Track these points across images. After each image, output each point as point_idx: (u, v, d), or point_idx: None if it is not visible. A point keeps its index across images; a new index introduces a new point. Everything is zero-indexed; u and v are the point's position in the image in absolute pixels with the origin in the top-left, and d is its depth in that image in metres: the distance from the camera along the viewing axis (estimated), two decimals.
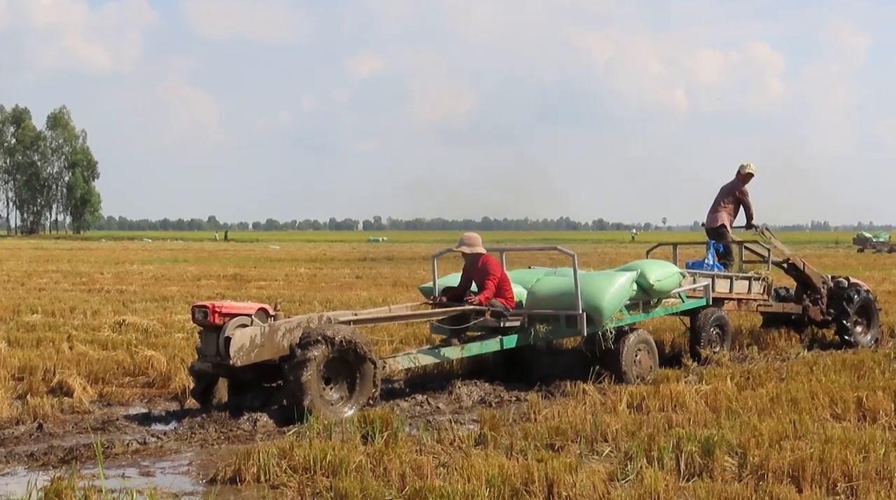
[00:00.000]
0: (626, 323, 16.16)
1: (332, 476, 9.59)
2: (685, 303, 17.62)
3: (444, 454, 10.57)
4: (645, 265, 16.59)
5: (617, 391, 14.31)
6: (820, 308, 20.72)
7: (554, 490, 8.88)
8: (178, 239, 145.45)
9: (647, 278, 16.17)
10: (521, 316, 15.63)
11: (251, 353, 12.86)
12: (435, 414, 13.42)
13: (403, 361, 14.43)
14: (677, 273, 16.89)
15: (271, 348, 13.06)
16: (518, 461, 9.62)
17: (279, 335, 13.11)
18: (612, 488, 9.05)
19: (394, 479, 9.41)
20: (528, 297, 16.13)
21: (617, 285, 15.73)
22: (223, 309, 13.17)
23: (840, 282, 21.10)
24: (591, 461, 10.19)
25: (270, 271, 46.04)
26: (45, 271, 45.92)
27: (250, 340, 12.86)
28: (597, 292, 15.47)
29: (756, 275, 19.67)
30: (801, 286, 21.21)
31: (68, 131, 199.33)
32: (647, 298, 16.63)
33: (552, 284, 16.16)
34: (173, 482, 10.05)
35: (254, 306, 13.57)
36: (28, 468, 10.57)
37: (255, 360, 12.92)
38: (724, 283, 18.82)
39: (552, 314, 15.61)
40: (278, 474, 9.82)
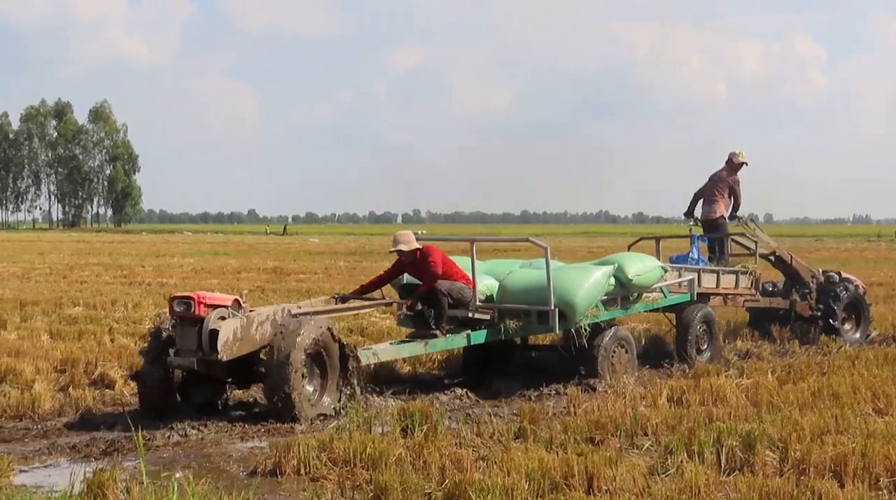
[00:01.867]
0: (601, 320, 15.42)
1: (372, 469, 9.59)
2: (667, 299, 17.02)
3: (483, 447, 10.57)
4: (623, 259, 15.97)
5: (657, 385, 14.29)
6: (808, 303, 20.25)
7: (594, 484, 8.85)
8: (217, 232, 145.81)
9: (625, 273, 15.50)
10: (490, 310, 15.02)
11: (234, 347, 12.25)
12: (474, 407, 13.41)
13: (364, 356, 13.57)
14: (658, 267, 16.24)
15: (249, 342, 12.48)
16: (558, 455, 9.60)
17: (254, 328, 12.56)
18: (653, 482, 9.01)
19: (433, 472, 9.40)
20: (499, 290, 15.39)
21: (592, 279, 15.03)
22: (208, 300, 12.55)
23: (830, 277, 20.66)
24: (632, 454, 10.17)
25: (310, 264, 46.12)
26: (86, 264, 46.14)
27: (233, 333, 12.26)
28: (570, 287, 14.76)
29: (743, 269, 19.15)
30: (790, 280, 20.76)
31: (110, 125, 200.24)
32: (626, 293, 15.87)
33: (524, 277, 15.48)
34: (214, 474, 10.07)
35: (230, 298, 12.97)
36: (70, 459, 10.64)
37: (236, 354, 12.30)
38: (710, 277, 18.33)
39: (523, 309, 14.93)
40: (318, 466, 9.83)
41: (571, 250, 18.92)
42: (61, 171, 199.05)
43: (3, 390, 13.64)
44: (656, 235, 20.83)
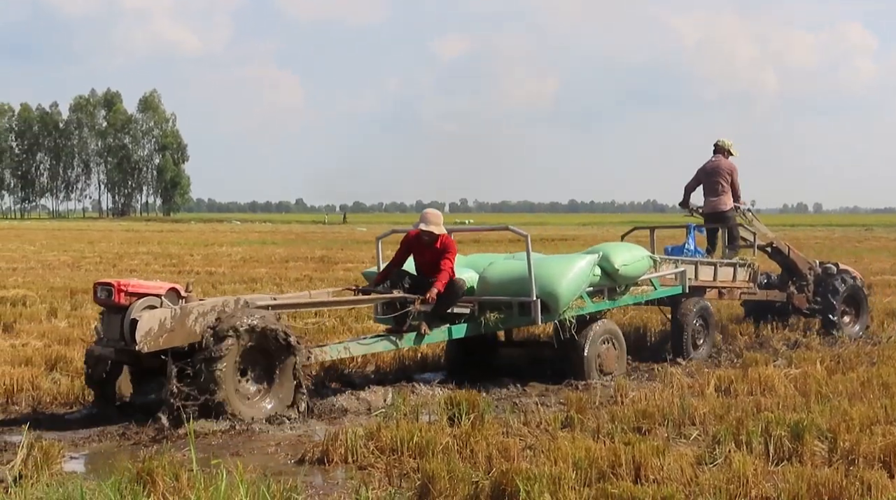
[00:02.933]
0: (587, 312, 14.81)
1: (419, 458, 9.60)
2: (658, 291, 16.30)
3: (530, 436, 10.57)
4: (610, 248, 15.32)
5: (705, 375, 14.24)
6: (806, 296, 19.69)
7: (641, 474, 8.84)
8: (266, 221, 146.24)
9: (611, 263, 14.89)
10: (470, 304, 14.43)
11: (160, 338, 11.45)
12: (521, 396, 13.41)
13: (333, 350, 13.18)
14: (647, 258, 15.59)
15: (182, 334, 11.66)
16: (605, 444, 9.58)
17: (191, 319, 11.73)
18: (700, 471, 8.98)
19: (480, 461, 9.41)
20: (480, 282, 14.79)
21: (575, 269, 14.42)
22: (129, 288, 11.86)
23: (828, 268, 20.03)
24: (679, 444, 10.15)
25: (357, 254, 46.15)
26: (136, 253, 46.41)
27: (159, 323, 11.47)
28: (552, 278, 14.16)
29: (741, 261, 18.50)
30: (786, 272, 20.16)
31: (159, 114, 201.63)
32: (613, 284, 15.23)
33: (505, 268, 14.85)
34: (262, 462, 10.11)
35: (164, 286, 12.24)
36: (120, 446, 10.71)
37: (163, 346, 11.51)
38: (707, 270, 17.67)
39: (504, 301, 14.36)
40: (366, 455, 9.85)
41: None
42: (111, 160, 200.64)
43: (54, 377, 13.76)
44: (651, 225, 20.29)
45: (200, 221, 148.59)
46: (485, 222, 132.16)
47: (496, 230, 21.15)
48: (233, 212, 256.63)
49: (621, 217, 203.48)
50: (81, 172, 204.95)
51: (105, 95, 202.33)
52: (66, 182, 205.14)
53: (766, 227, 20.39)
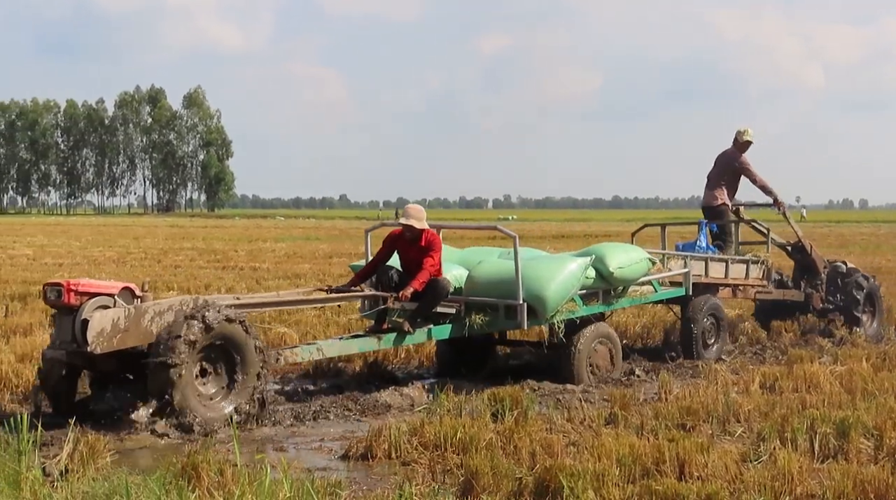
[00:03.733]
0: (579, 315, 14.24)
1: (463, 454, 9.59)
2: (658, 292, 15.87)
3: (574, 432, 10.55)
4: (606, 250, 14.73)
5: (749, 372, 14.19)
6: (820, 295, 19.02)
7: (685, 470, 8.80)
8: (309, 217, 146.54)
9: (606, 265, 14.33)
10: (456, 303, 13.80)
11: (113, 339, 10.99)
12: (564, 393, 13.39)
13: (304, 352, 12.67)
14: (646, 259, 14.91)
15: (137, 334, 11.21)
16: (649, 441, 9.56)
17: (147, 319, 11.27)
18: (745, 469, 8.94)
19: (524, 457, 9.41)
20: (467, 282, 14.19)
21: (566, 272, 13.83)
22: (80, 287, 11.31)
23: (838, 266, 19.45)
24: (723, 441, 10.10)
25: None
26: (180, 249, 46.61)
27: (112, 323, 11.01)
28: (541, 280, 13.59)
29: (755, 258, 17.91)
30: (800, 271, 19.45)
31: (203, 111, 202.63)
32: (608, 287, 14.67)
33: (494, 268, 14.27)
34: (306, 457, 10.16)
35: (117, 285, 11.71)
36: (165, 440, 10.75)
37: (117, 347, 11.07)
38: (718, 267, 17.10)
39: (491, 303, 13.76)
40: (409, 450, 9.86)
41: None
42: (156, 156, 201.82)
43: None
44: (662, 222, 19.85)
45: (244, 217, 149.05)
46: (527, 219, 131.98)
47: (484, 229, 20.92)
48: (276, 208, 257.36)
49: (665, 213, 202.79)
50: (126, 168, 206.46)
51: (149, 92, 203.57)
52: (111, 178, 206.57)
53: (798, 224, 19.83)
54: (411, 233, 13.37)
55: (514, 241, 13.45)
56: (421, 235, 13.33)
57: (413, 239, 13.39)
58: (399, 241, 13.56)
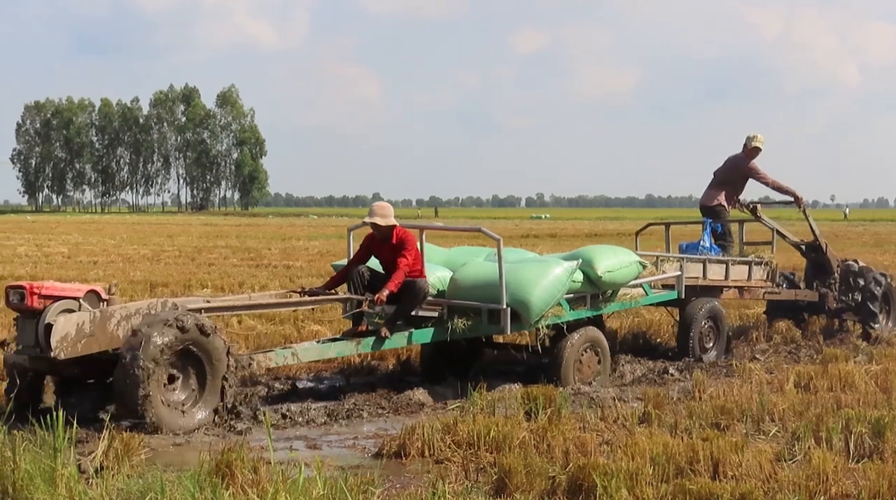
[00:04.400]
0: (565, 320, 13.73)
1: (496, 452, 9.60)
2: (650, 296, 15.35)
3: (607, 431, 10.54)
4: (594, 253, 14.18)
5: (784, 371, 14.14)
6: (833, 295, 18.48)
7: (719, 470, 8.78)
8: (342, 215, 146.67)
9: (593, 268, 13.82)
10: (438, 307, 13.42)
11: (78, 344, 10.68)
12: (598, 391, 13.36)
13: (278, 357, 12.18)
14: (636, 263, 14.43)
15: (103, 339, 10.86)
16: (683, 440, 9.53)
17: (113, 323, 10.93)
18: (779, 468, 8.91)
19: (557, 456, 9.40)
20: (450, 284, 13.78)
21: (551, 276, 13.32)
22: (43, 291, 11.03)
23: (850, 265, 18.81)
24: (758, 440, 10.07)
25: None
26: (214, 247, 46.74)
27: (77, 328, 10.69)
28: (525, 285, 13.14)
29: (758, 259, 17.36)
30: (812, 270, 18.92)
31: (237, 109, 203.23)
32: (596, 291, 14.18)
33: (478, 270, 13.79)
34: (340, 454, 10.16)
35: (83, 289, 11.42)
36: (198, 437, 10.78)
37: (82, 352, 10.74)
38: (718, 268, 16.65)
39: (473, 307, 13.31)
40: (442, 449, 9.85)
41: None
42: (189, 155, 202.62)
43: None
44: (666, 221, 19.66)
45: (278, 215, 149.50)
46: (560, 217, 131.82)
47: (469, 231, 20.68)
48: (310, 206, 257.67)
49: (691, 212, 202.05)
50: (161, 166, 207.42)
51: (183, 90, 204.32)
52: (145, 177, 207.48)
53: (816, 223, 19.07)
54: (379, 232, 13.03)
55: (498, 243, 13.10)
56: (391, 233, 12.99)
57: (384, 238, 13.05)
58: (374, 242, 13.23)
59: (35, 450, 7.95)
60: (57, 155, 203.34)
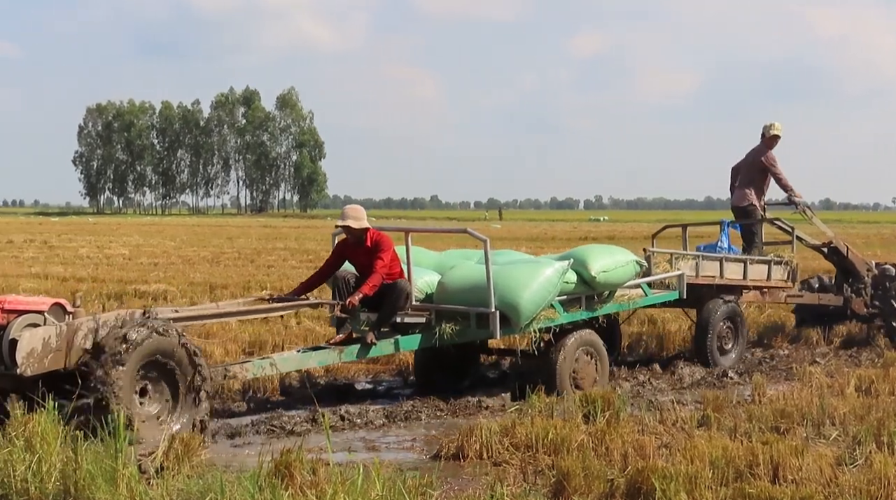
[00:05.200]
0: (558, 323, 13.33)
1: (554, 455, 9.59)
2: (648, 297, 14.84)
3: (666, 434, 10.50)
4: (587, 253, 13.74)
5: (845, 374, 14.04)
6: (864, 300, 17.93)
7: (779, 474, 8.73)
8: (400, 218, 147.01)
9: (587, 269, 13.38)
10: (426, 312, 12.97)
11: (44, 359, 10.10)
12: (657, 394, 13.33)
13: (255, 368, 11.73)
14: (632, 263, 13.95)
15: (71, 352, 10.30)
16: (742, 444, 9.48)
17: (80, 337, 10.36)
18: (840, 472, 8.85)
19: (616, 459, 9.38)
20: (438, 288, 13.28)
21: (541, 278, 12.87)
22: (6, 305, 10.49)
23: (886, 270, 18.18)
24: (818, 444, 9.99)
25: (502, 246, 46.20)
26: (273, 249, 46.93)
27: (43, 343, 10.12)
28: (515, 287, 12.68)
29: (777, 258, 16.85)
30: (842, 274, 18.30)
31: (296, 112, 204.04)
32: (591, 292, 13.71)
33: (466, 273, 13.29)
34: (398, 456, 10.21)
35: (47, 302, 10.89)
36: (257, 439, 10.87)
37: (49, 367, 10.15)
38: (736, 267, 16.19)
39: (462, 311, 12.85)
40: (500, 451, 9.87)
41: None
42: (249, 157, 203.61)
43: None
44: (683, 223, 19.35)
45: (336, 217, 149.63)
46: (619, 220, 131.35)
47: (455, 233, 20.38)
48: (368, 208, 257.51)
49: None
50: (220, 168, 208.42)
51: (244, 93, 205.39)
52: (205, 179, 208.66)
53: (825, 224, 18.84)
54: (352, 235, 12.61)
55: (485, 244, 12.69)
56: (364, 236, 12.58)
57: (358, 242, 12.61)
58: (347, 247, 12.83)
59: (97, 450, 8.01)
60: (118, 157, 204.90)
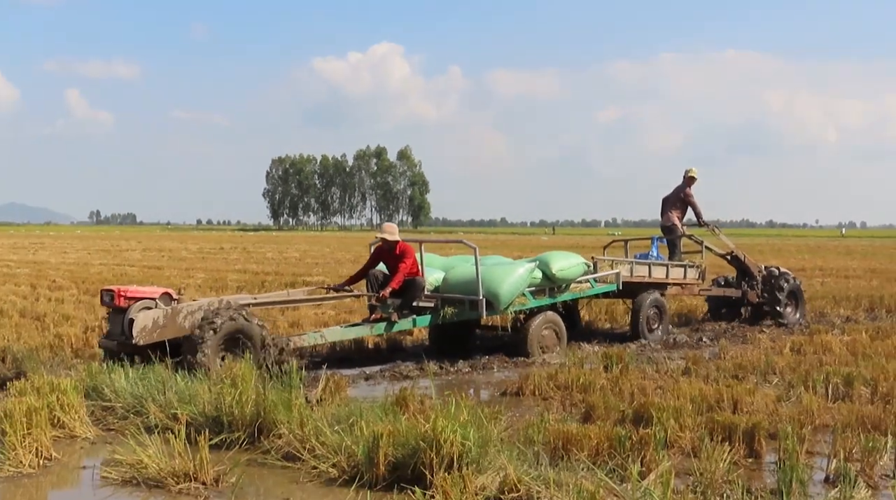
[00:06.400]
0: (528, 307, 12.90)
1: (584, 392, 9.57)
2: (594, 288, 14.21)
3: (660, 380, 10.41)
4: (550, 256, 13.42)
5: (783, 340, 13.87)
6: (756, 292, 17.21)
7: (738, 407, 8.63)
8: (480, 232, 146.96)
9: (549, 268, 13.10)
10: (434, 299, 12.67)
11: (154, 333, 10.14)
12: (654, 353, 13.22)
13: (310, 338, 11.48)
14: (582, 263, 13.57)
15: (173, 329, 10.27)
16: (712, 387, 9.37)
17: (181, 317, 10.33)
18: (779, 406, 8.75)
19: (625, 396, 9.32)
20: (443, 282, 13.05)
21: (515, 274, 12.67)
22: (128, 293, 10.49)
23: (772, 271, 17.45)
24: (764, 387, 9.86)
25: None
26: None
27: (153, 321, 10.17)
28: (496, 281, 12.47)
29: (690, 263, 16.24)
30: (740, 274, 17.56)
31: (410, 161, 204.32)
32: (553, 284, 13.31)
33: (463, 271, 13.05)
34: (477, 394, 10.22)
35: (158, 291, 10.78)
36: (381, 381, 10.95)
37: (157, 339, 10.16)
38: (660, 270, 15.47)
39: (458, 299, 12.59)
40: (547, 390, 9.86)
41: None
42: (378, 192, 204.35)
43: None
44: (625, 238, 18.77)
45: (437, 232, 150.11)
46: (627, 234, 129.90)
47: (451, 242, 19.84)
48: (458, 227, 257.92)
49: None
50: (359, 200, 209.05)
51: (376, 149, 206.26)
52: (349, 207, 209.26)
53: (729, 238, 18.02)
54: (386, 244, 12.30)
55: (475, 251, 12.41)
56: (395, 245, 12.26)
57: (390, 249, 12.30)
58: (382, 252, 12.44)
59: (277, 387, 8.11)
60: (292, 192, 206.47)
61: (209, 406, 7.93)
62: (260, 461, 7.15)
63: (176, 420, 7.76)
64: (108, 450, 7.33)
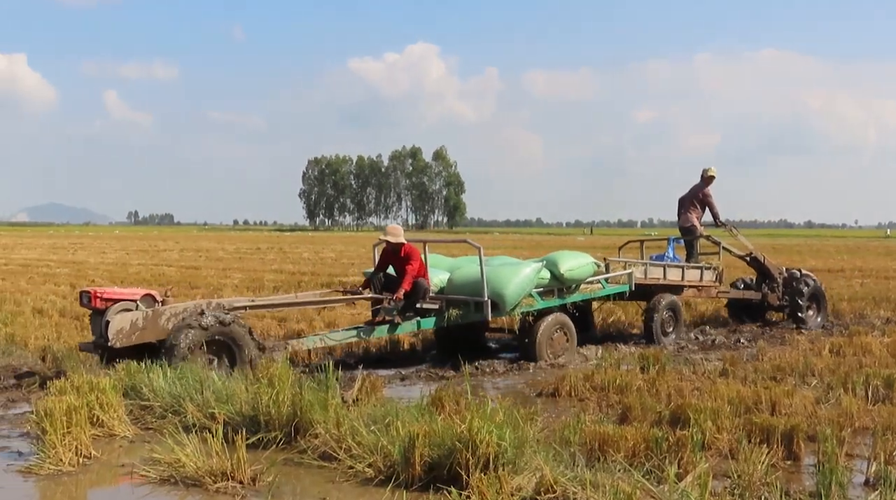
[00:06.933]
0: (535, 309, 12.49)
1: (620, 394, 9.53)
2: (605, 289, 13.82)
3: (697, 381, 10.35)
4: (558, 256, 13.05)
5: (822, 341, 13.73)
6: (777, 295, 16.85)
7: (776, 409, 8.56)
8: (515, 232, 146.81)
9: (558, 268, 12.71)
10: (439, 301, 12.35)
11: (132, 335, 9.82)
12: (691, 354, 13.14)
13: (309, 342, 11.26)
14: (591, 264, 13.17)
15: (154, 331, 9.94)
16: (750, 388, 9.30)
17: (163, 319, 10.00)
18: (818, 408, 8.66)
19: (662, 397, 9.27)
20: (448, 283, 12.73)
21: (521, 275, 12.24)
22: (105, 294, 10.18)
23: (794, 273, 17.06)
24: (803, 389, 9.77)
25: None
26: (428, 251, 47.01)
27: (131, 323, 9.83)
28: (502, 282, 12.08)
29: (707, 265, 15.89)
30: (761, 276, 17.16)
31: (446, 162, 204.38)
32: (561, 285, 12.91)
33: (468, 272, 12.69)
34: (514, 394, 10.19)
35: (139, 292, 10.42)
36: (418, 382, 10.97)
37: (136, 342, 9.86)
38: (675, 271, 15.09)
39: (463, 300, 12.25)
40: (583, 391, 9.82)
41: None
42: (414, 192, 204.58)
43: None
44: (641, 239, 18.35)
45: (472, 232, 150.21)
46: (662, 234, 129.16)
47: (456, 242, 19.69)
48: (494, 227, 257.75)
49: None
50: (395, 200, 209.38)
51: (411, 149, 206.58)
52: (385, 207, 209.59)
53: (747, 239, 17.65)
54: (391, 246, 12.05)
55: (479, 251, 12.12)
56: (400, 248, 11.97)
57: (395, 251, 12.01)
58: (388, 255, 12.19)
59: (314, 387, 8.14)
60: (328, 192, 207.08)
61: (246, 406, 7.98)
62: (296, 460, 7.18)
63: (213, 420, 7.80)
64: (147, 449, 7.40)
